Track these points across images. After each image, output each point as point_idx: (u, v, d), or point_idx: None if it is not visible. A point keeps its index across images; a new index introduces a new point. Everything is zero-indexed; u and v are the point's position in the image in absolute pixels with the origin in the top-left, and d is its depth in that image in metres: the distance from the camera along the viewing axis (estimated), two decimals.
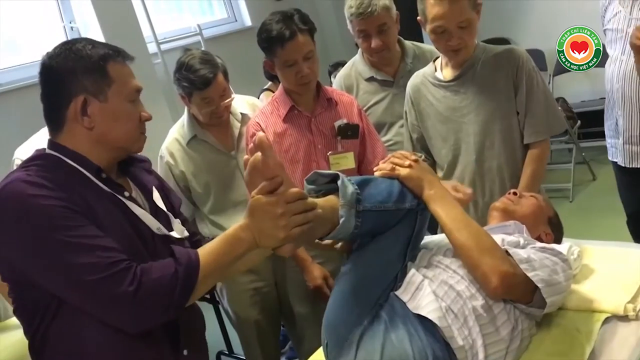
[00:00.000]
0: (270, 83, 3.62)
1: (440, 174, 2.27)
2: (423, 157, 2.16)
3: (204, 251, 1.31)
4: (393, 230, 1.47)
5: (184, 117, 2.39)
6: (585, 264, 1.88)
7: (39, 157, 1.36)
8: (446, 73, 2.18)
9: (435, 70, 2.21)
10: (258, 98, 3.20)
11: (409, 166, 1.52)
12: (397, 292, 1.45)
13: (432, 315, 1.38)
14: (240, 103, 2.48)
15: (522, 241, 1.63)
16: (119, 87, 1.36)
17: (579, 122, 4.82)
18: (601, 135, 2.69)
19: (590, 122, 4.76)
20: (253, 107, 2.49)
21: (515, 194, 1.93)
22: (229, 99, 2.28)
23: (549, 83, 4.95)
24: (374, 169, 1.58)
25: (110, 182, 1.38)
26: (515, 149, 2.15)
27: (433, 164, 2.29)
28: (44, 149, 1.38)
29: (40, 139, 2.28)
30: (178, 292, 1.26)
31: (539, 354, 1.50)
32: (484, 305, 1.45)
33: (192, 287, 1.27)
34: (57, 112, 1.35)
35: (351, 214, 1.37)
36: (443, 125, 2.20)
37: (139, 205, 1.42)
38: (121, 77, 1.37)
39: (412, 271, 1.50)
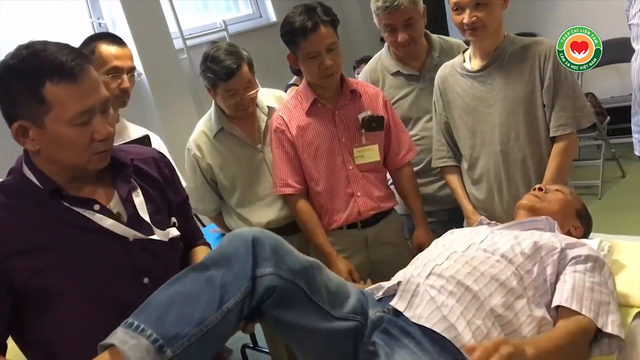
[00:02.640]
0: (295, 78, 3.62)
1: (465, 165, 2.26)
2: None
3: None
4: (286, 312, 1.30)
5: (211, 110, 2.40)
6: (615, 259, 1.86)
7: (12, 172, 1.33)
8: (474, 63, 2.17)
9: (464, 61, 2.21)
10: (285, 92, 3.20)
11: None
12: (391, 302, 1.44)
13: (439, 328, 1.35)
14: (267, 96, 2.48)
15: (558, 247, 1.57)
16: (59, 113, 1.22)
17: (608, 117, 4.75)
18: (631, 132, 2.64)
19: (619, 118, 4.68)
20: (280, 100, 2.49)
21: (540, 189, 1.90)
22: (254, 91, 2.28)
23: (578, 78, 4.88)
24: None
25: (73, 199, 1.32)
26: (540, 141, 2.13)
27: (458, 155, 2.29)
28: (23, 157, 1.34)
29: None
30: None
31: None
32: (505, 303, 1.43)
33: None
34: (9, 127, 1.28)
35: None
36: (469, 116, 2.18)
37: (112, 215, 1.36)
38: (61, 102, 1.21)
39: (405, 278, 1.48)
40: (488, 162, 2.18)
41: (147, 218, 1.39)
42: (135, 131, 2.30)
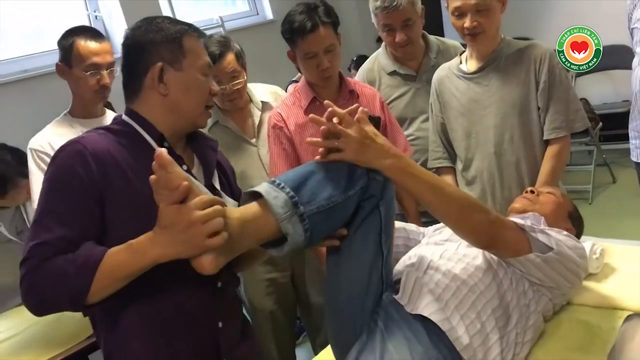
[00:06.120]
0: (299, 74, 3.61)
1: (459, 165, 2.27)
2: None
3: (110, 256, 1.26)
4: (360, 229, 1.39)
5: None
6: (607, 263, 1.87)
7: (114, 122, 1.48)
8: (470, 65, 2.19)
9: (460, 63, 2.22)
10: (286, 90, 3.19)
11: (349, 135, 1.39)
12: (396, 296, 1.44)
13: (435, 318, 1.37)
14: (262, 91, 2.48)
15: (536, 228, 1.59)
16: (193, 59, 1.45)
17: (600, 123, 4.79)
18: (622, 138, 2.66)
19: (611, 124, 4.73)
20: (275, 96, 2.50)
21: (532, 192, 1.92)
22: (238, 81, 2.27)
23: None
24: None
25: (170, 152, 1.37)
26: (534, 144, 2.14)
27: (454, 156, 2.30)
28: (121, 115, 1.48)
29: (53, 130, 2.27)
30: (67, 294, 1.24)
31: (560, 349, 1.49)
32: (499, 297, 1.45)
33: (83, 289, 1.24)
34: (136, 79, 1.45)
35: (294, 222, 1.28)
36: (464, 117, 2.20)
37: (194, 178, 1.46)
38: (195, 51, 1.45)
39: (405, 274, 1.49)
40: (482, 163, 2.19)
41: (221, 193, 1.53)
42: None
